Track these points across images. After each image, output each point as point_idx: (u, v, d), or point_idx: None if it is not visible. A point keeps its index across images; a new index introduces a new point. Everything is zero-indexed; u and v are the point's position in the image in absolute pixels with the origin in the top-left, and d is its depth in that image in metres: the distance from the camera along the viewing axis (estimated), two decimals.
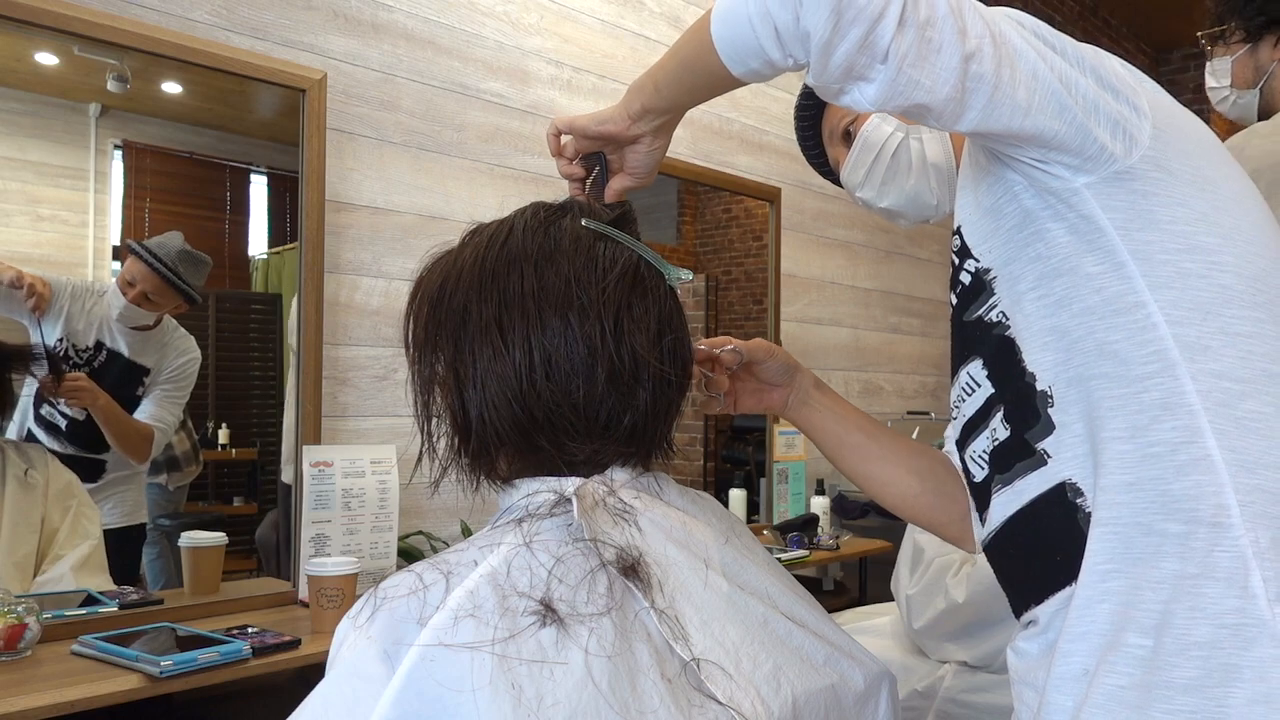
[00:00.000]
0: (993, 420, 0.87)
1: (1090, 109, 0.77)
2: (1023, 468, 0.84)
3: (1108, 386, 0.78)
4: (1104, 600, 0.77)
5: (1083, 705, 0.77)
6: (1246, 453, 0.74)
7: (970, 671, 1.83)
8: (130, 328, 1.88)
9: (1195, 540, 0.74)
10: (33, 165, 1.77)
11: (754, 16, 0.72)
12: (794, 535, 2.75)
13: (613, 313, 0.80)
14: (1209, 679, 0.72)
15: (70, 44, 1.72)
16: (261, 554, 2.08)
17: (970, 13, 0.73)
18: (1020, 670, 0.88)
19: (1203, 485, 0.74)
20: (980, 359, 0.89)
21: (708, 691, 0.73)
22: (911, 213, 1.12)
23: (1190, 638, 0.73)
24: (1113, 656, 0.76)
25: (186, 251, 1.90)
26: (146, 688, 1.37)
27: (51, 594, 1.67)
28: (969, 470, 0.93)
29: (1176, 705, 0.72)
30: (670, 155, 2.83)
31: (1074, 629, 0.79)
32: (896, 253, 3.85)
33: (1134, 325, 0.77)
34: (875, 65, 0.71)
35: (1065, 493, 0.81)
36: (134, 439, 1.92)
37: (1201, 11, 1.82)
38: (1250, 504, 0.73)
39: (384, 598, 0.72)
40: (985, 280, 0.87)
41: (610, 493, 0.80)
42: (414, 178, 2.25)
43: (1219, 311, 0.77)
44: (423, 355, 0.85)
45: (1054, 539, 0.82)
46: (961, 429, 0.93)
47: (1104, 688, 0.76)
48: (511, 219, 0.87)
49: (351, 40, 2.14)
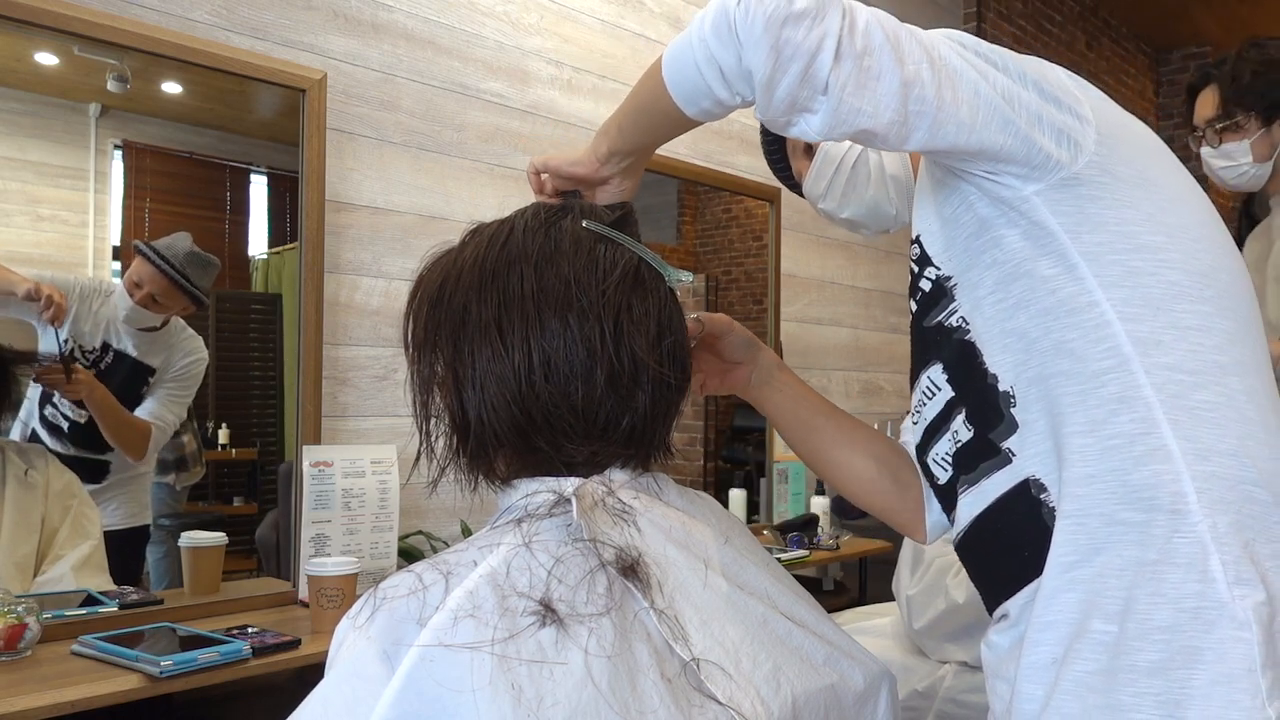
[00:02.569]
0: (954, 422, 0.90)
1: (1034, 120, 0.80)
2: (988, 467, 0.87)
3: (1066, 383, 0.81)
4: (1069, 589, 0.80)
5: (1052, 693, 0.80)
6: (1201, 441, 0.77)
7: (970, 672, 1.83)
8: (137, 329, 1.88)
9: (1155, 528, 0.77)
10: (33, 165, 1.77)
11: (700, 60, 0.77)
12: (794, 535, 2.75)
13: (612, 315, 0.80)
14: (1172, 661, 0.74)
15: (70, 44, 1.72)
16: (261, 554, 2.08)
17: (907, 39, 0.76)
18: (992, 663, 0.90)
19: (1161, 474, 0.77)
20: (940, 363, 0.92)
21: (707, 691, 0.73)
22: (872, 223, 1.16)
23: (1152, 622, 0.76)
24: (1079, 644, 0.78)
25: (195, 253, 1.90)
26: (146, 688, 1.37)
27: (51, 594, 1.67)
28: (931, 473, 0.96)
29: (1141, 688, 0.75)
30: (670, 155, 2.85)
31: (1041, 619, 0.82)
32: (896, 253, 3.85)
33: (1089, 324, 0.80)
34: (817, 97, 0.74)
35: (1029, 489, 0.84)
36: (129, 434, 1.90)
37: (1202, 12, 1.92)
38: (1207, 490, 0.76)
39: (384, 598, 0.72)
40: (946, 287, 0.90)
41: (609, 493, 0.80)
42: (414, 178, 2.25)
43: (1169, 307, 0.80)
44: (422, 355, 0.85)
45: (1020, 536, 0.85)
46: (923, 433, 0.96)
47: (1072, 674, 0.78)
48: (512, 219, 0.87)
49: (351, 40, 2.14)
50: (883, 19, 0.76)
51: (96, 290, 1.84)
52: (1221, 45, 5.95)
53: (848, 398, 3.60)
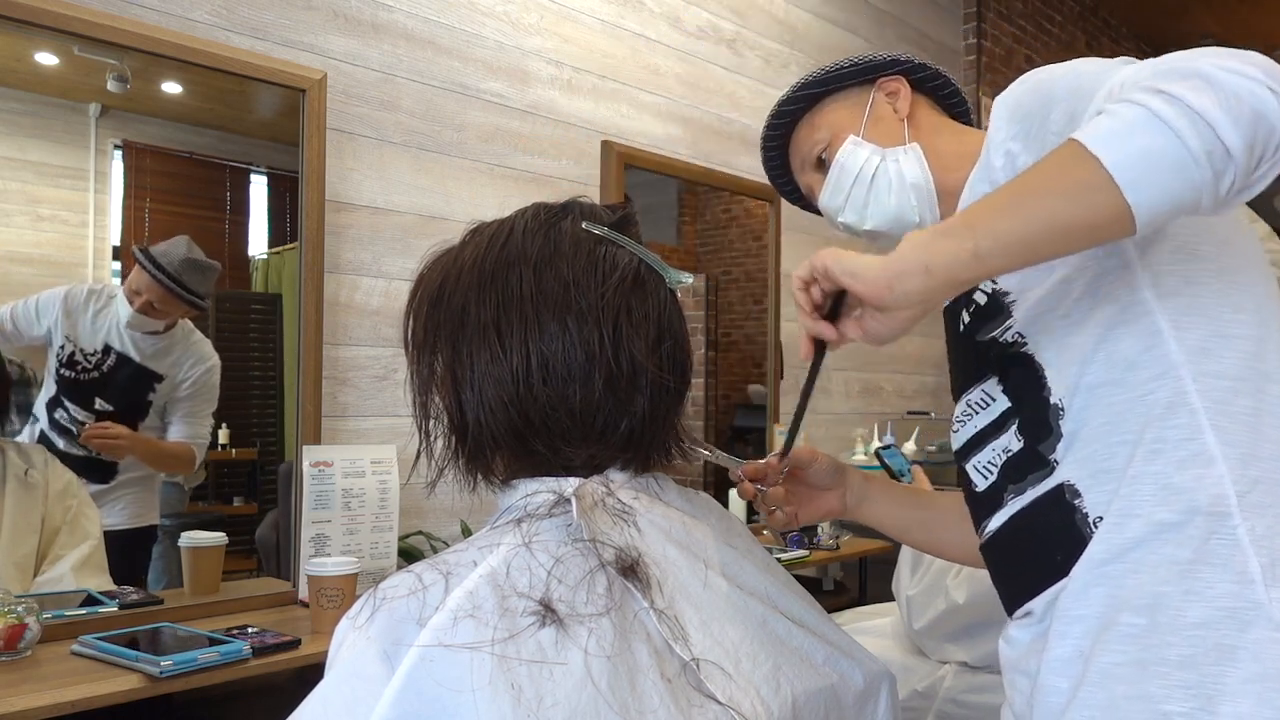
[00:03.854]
0: (1006, 433, 0.91)
1: None
2: (1035, 477, 0.88)
3: (1116, 392, 0.82)
4: (1099, 584, 0.81)
5: (1080, 685, 0.80)
6: (1242, 446, 0.78)
7: (970, 672, 1.83)
8: (142, 333, 1.89)
9: (1192, 528, 0.77)
10: (33, 165, 1.77)
11: (1195, 151, 0.67)
12: (794, 535, 2.75)
13: (611, 318, 0.80)
14: (1205, 657, 0.75)
15: (70, 44, 1.72)
16: (261, 554, 2.08)
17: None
18: (1012, 658, 0.91)
19: (1203, 478, 0.77)
20: (996, 376, 0.92)
21: (707, 691, 0.73)
22: (897, 233, 1.12)
23: (1185, 618, 0.76)
24: (1107, 636, 0.79)
25: (190, 260, 1.89)
26: (146, 688, 1.37)
27: (51, 594, 1.67)
28: (970, 479, 0.96)
29: (1173, 680, 0.75)
30: (670, 155, 2.85)
31: (1069, 613, 0.82)
32: None
33: (1142, 332, 0.81)
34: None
35: (1064, 494, 0.84)
36: (174, 463, 1.97)
37: (1202, 12, 1.88)
38: (1247, 494, 0.77)
39: (383, 598, 0.71)
40: (1003, 303, 0.90)
41: (609, 493, 0.80)
42: (414, 178, 2.25)
43: (1216, 315, 0.81)
44: (421, 355, 0.85)
45: (1053, 539, 0.85)
46: (966, 440, 0.96)
47: (1099, 666, 0.79)
48: (512, 219, 0.86)
49: (351, 40, 2.14)
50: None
51: (96, 293, 1.84)
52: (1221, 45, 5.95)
53: (848, 398, 3.60)
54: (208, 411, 1.98)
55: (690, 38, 2.96)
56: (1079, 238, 0.73)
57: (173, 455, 1.95)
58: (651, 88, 2.83)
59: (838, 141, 1.10)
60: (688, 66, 2.94)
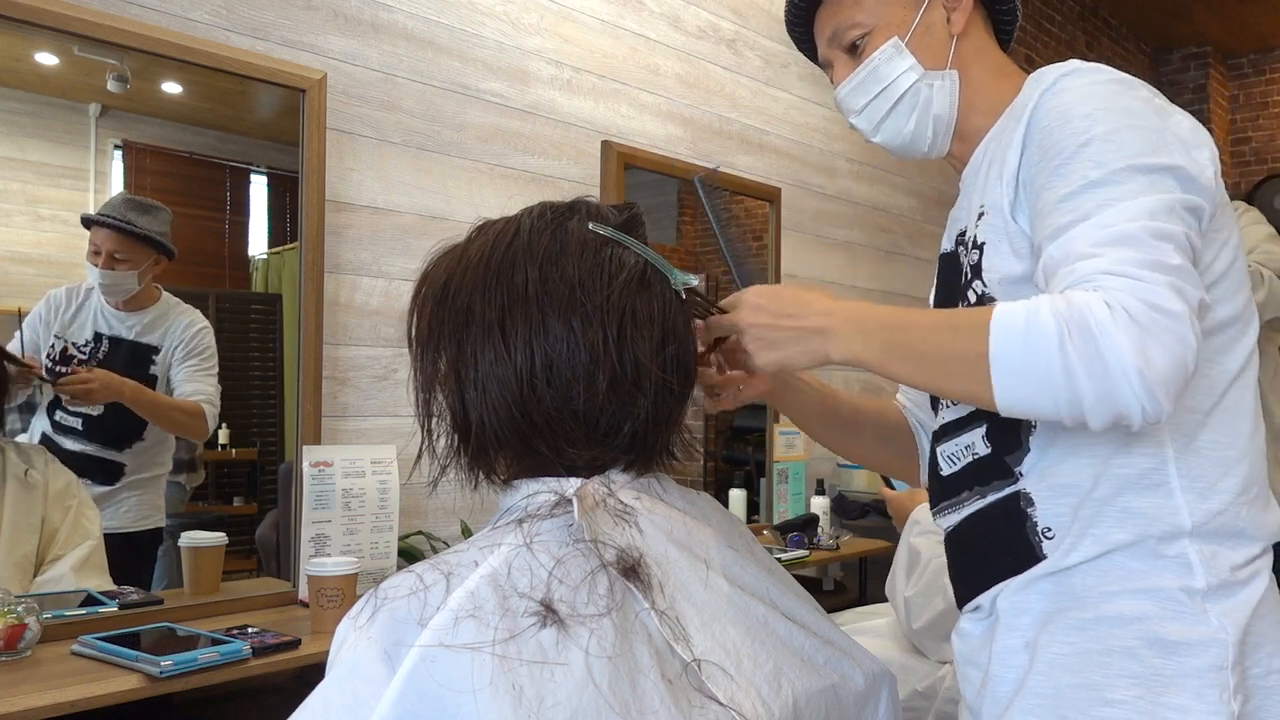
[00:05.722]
0: (971, 433, 0.95)
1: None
2: (998, 485, 0.92)
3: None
4: (1046, 579, 0.86)
5: (1026, 675, 0.85)
6: (1205, 480, 0.84)
7: None
8: (121, 303, 1.86)
9: (1143, 548, 0.83)
10: (33, 165, 1.77)
11: (1060, 382, 0.73)
12: (794, 535, 2.75)
13: (616, 319, 0.80)
14: (1149, 649, 0.81)
15: (70, 44, 1.72)
16: (261, 554, 2.08)
17: (1174, 292, 0.74)
18: (964, 651, 0.95)
19: (1161, 508, 0.83)
20: None
21: (708, 692, 0.73)
22: (902, 153, 1.07)
23: (1131, 613, 0.82)
24: (1053, 628, 0.85)
25: (130, 200, 1.85)
26: (146, 688, 1.37)
27: (51, 594, 1.67)
28: (937, 463, 1.01)
29: (1116, 670, 0.81)
30: (670, 155, 2.84)
31: (1016, 605, 0.88)
32: (896, 253, 3.85)
33: None
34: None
35: (1018, 501, 0.89)
36: (181, 419, 1.91)
37: (1202, 11, 1.86)
38: (1203, 525, 0.83)
39: (384, 598, 0.72)
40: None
41: (611, 494, 0.80)
42: (414, 178, 2.25)
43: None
44: (425, 352, 0.84)
45: (1003, 542, 0.90)
46: (940, 427, 1.01)
47: (1046, 656, 0.84)
48: (519, 218, 0.86)
49: (351, 40, 2.14)
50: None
51: (74, 290, 1.83)
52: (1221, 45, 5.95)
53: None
54: (210, 369, 1.95)
55: (690, 38, 2.96)
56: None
57: (180, 409, 1.90)
58: (651, 88, 2.83)
59: (879, 38, 1.01)
60: (688, 66, 2.94)
